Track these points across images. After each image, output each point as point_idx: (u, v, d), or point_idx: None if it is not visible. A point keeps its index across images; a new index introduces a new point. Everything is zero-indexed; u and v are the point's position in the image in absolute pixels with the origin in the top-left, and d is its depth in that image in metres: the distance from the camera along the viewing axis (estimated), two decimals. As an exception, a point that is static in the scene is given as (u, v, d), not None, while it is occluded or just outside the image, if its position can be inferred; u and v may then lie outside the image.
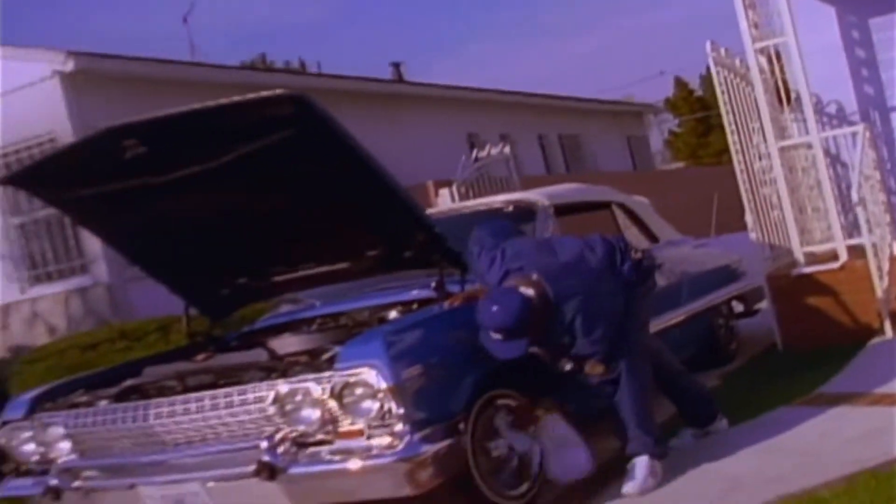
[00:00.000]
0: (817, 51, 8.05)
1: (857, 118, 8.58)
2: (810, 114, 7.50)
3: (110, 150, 4.58)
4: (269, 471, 4.13)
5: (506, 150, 12.14)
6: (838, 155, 8.40)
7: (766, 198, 7.73)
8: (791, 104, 8.02)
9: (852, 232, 7.52)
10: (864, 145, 7.53)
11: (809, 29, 7.86)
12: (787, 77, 7.98)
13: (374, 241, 5.15)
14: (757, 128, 7.73)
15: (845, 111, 8.70)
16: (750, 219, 7.62)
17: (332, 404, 4.20)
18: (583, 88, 71.43)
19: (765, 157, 7.68)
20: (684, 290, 6.89)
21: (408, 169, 7.22)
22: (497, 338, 4.51)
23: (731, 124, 7.61)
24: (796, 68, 7.47)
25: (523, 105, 20.86)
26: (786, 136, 7.84)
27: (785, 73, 8.00)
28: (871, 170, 7.82)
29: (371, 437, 4.17)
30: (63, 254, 12.20)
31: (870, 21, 8.79)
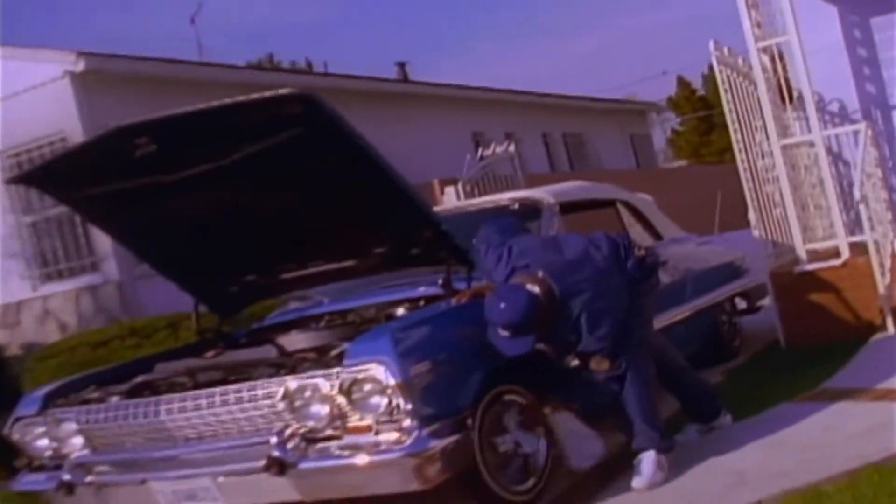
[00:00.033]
0: (819, 50, 8.05)
1: (858, 116, 8.58)
2: (812, 112, 7.53)
3: (121, 148, 4.62)
4: (279, 466, 4.17)
5: (510, 148, 12.08)
6: (840, 153, 8.40)
7: (768, 195, 7.75)
8: (793, 103, 8.00)
9: (854, 229, 7.53)
10: (865, 143, 7.55)
11: (812, 28, 7.87)
12: (790, 76, 7.97)
13: (381, 239, 5.18)
14: (760, 126, 7.74)
15: (847, 109, 8.71)
16: (753, 216, 7.65)
17: (341, 400, 4.23)
18: (584, 88, 71.09)
19: (767, 156, 7.69)
20: (688, 287, 6.93)
21: (413, 167, 7.22)
22: (504, 334, 4.53)
23: (735, 123, 7.64)
24: (799, 67, 7.48)
25: (528, 104, 20.82)
26: (788, 134, 7.83)
27: (787, 71, 7.99)
28: (872, 167, 7.83)
29: (379, 433, 4.19)
30: (74, 252, 12.25)
31: (871, 20, 8.80)
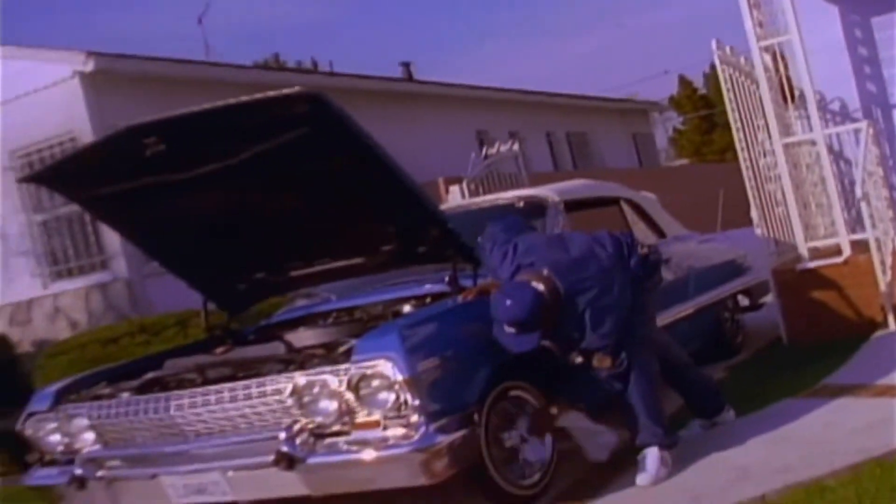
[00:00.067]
0: (821, 49, 8.07)
1: (859, 115, 8.60)
2: (814, 111, 7.56)
3: (130, 148, 4.66)
4: (288, 461, 4.22)
5: (515, 147, 12.10)
6: (842, 151, 8.42)
7: (770, 194, 7.77)
8: (795, 101, 8.02)
9: (856, 227, 7.56)
10: (867, 141, 7.58)
11: (813, 27, 7.89)
12: (792, 75, 7.97)
13: (388, 237, 5.22)
14: (762, 125, 7.77)
15: (848, 108, 8.73)
16: (755, 214, 7.69)
17: (349, 396, 4.28)
18: (585, 88, 70.97)
19: (769, 154, 7.72)
20: (691, 284, 6.96)
21: (418, 166, 7.25)
22: (510, 331, 4.56)
23: (737, 122, 7.67)
24: (800, 66, 7.52)
25: (532, 103, 20.81)
26: (790, 132, 7.85)
27: (789, 70, 8.01)
28: (874, 166, 7.86)
29: (387, 428, 4.24)
30: (84, 250, 12.29)
31: (872, 20, 8.82)
